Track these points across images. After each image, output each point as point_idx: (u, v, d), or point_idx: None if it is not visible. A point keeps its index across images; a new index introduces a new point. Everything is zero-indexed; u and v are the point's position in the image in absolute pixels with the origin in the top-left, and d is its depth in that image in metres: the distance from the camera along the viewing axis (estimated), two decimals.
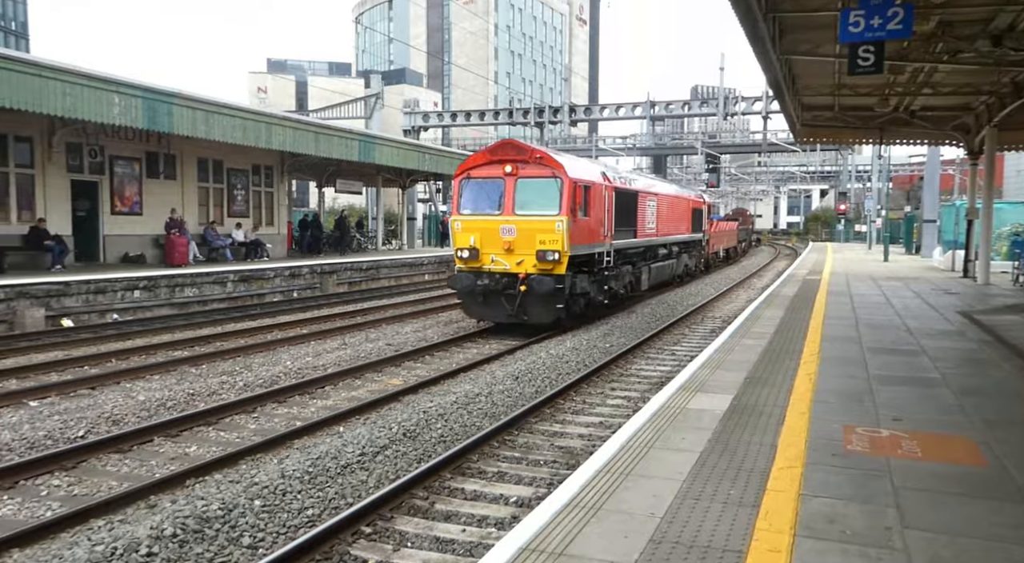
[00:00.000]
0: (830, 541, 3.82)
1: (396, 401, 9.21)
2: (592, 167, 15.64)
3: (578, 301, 14.19)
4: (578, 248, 13.68)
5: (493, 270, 13.69)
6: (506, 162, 13.61)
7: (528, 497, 6.05)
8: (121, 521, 5.49)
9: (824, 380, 7.65)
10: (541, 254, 13.21)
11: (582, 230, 13.82)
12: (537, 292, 13.13)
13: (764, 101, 40.26)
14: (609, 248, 15.42)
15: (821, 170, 72.25)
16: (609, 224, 15.36)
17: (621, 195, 16.29)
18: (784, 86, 15.33)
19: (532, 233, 13.34)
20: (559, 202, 13.21)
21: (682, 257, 23.84)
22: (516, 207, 13.54)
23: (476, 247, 13.76)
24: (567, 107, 48.92)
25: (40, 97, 14.37)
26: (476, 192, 13.94)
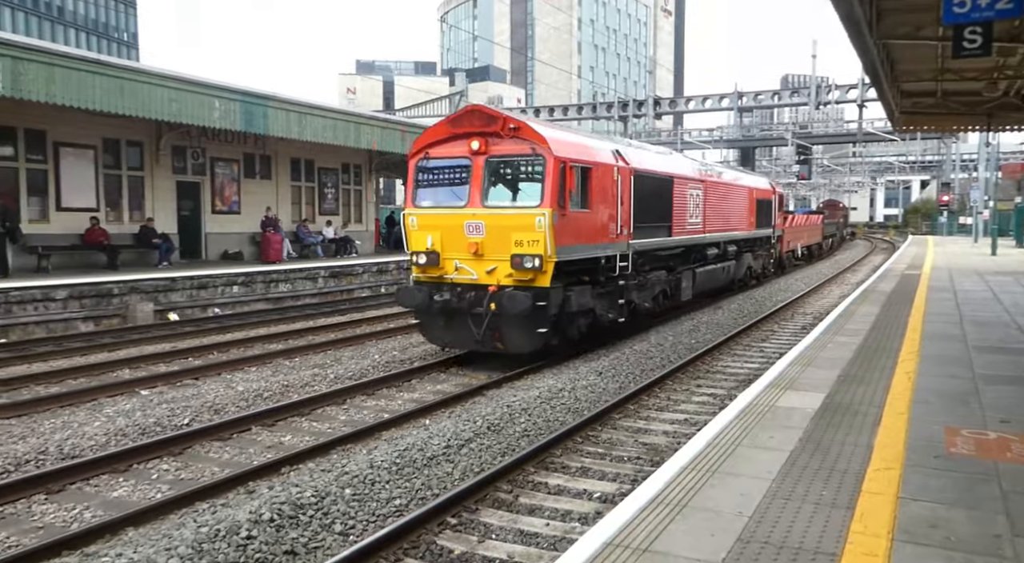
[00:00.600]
0: (932, 547, 3.65)
1: (480, 395, 9.32)
2: (597, 142, 11.97)
3: (575, 321, 10.96)
4: (571, 251, 10.40)
5: (457, 281, 10.49)
6: (472, 136, 10.30)
7: (612, 493, 6.03)
8: (223, 505, 5.78)
9: (924, 379, 7.30)
10: (517, 260, 9.90)
11: (578, 227, 10.54)
12: (508, 312, 9.83)
13: (859, 89, 38.64)
14: (626, 249, 11.90)
15: (922, 160, 68.73)
16: (625, 218, 11.84)
17: (645, 181, 12.68)
18: (881, 72, 14.64)
19: (505, 232, 10.05)
20: (541, 189, 9.95)
21: (743, 258, 20.00)
22: (486, 197, 10.30)
23: (436, 250, 10.51)
24: (651, 100, 48.26)
25: (149, 103, 15.25)
26: (435, 177, 10.83)
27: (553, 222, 9.87)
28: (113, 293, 14.73)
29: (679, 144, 52.14)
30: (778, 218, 23.71)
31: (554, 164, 9.89)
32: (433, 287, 10.62)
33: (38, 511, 5.80)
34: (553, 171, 9.89)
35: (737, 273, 19.42)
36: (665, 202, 13.84)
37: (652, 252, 13.32)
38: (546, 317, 10.10)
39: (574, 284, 10.83)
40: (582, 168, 10.56)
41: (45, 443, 7.13)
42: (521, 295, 9.76)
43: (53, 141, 17.22)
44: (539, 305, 9.92)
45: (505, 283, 10.10)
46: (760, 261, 22.28)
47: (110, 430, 7.55)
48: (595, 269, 11.31)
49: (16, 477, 6.27)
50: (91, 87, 14.38)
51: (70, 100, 14.18)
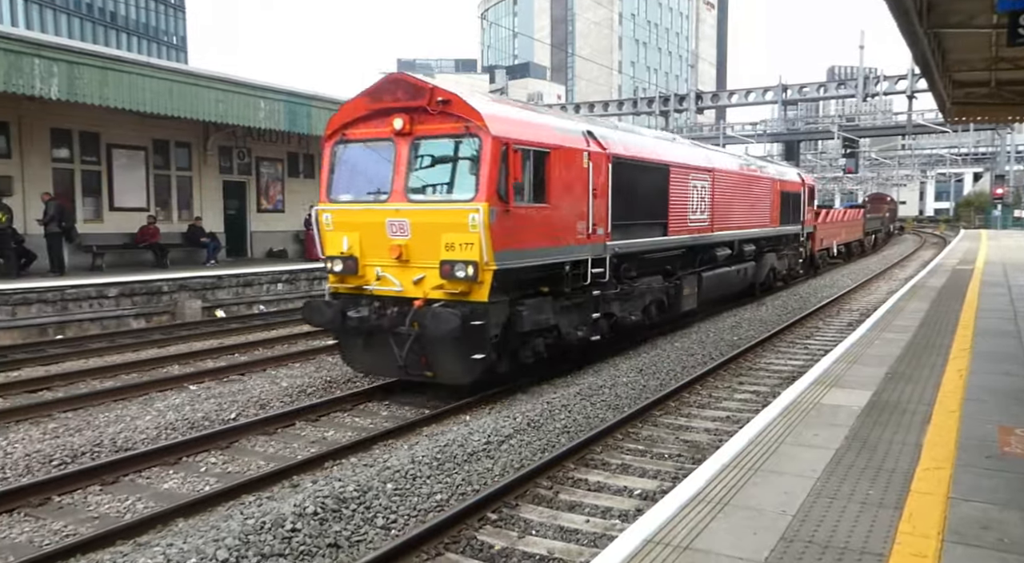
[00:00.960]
0: (984, 549, 3.56)
1: (521, 391, 9.34)
2: (561, 122, 9.80)
3: (530, 343, 8.94)
4: (519, 256, 8.42)
5: (378, 293, 8.63)
6: (395, 112, 8.41)
7: (652, 490, 5.99)
8: (268, 498, 5.90)
9: (977, 377, 7.10)
10: (446, 268, 8.00)
11: (529, 225, 8.57)
12: (432, 333, 7.92)
13: (909, 79, 37.66)
14: (602, 252, 9.92)
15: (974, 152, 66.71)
16: (601, 215, 9.85)
17: (630, 170, 10.62)
18: (932, 62, 14.24)
19: (434, 232, 8.15)
20: (476, 178, 8.04)
21: (765, 258, 17.62)
22: (411, 188, 8.43)
23: (353, 255, 8.72)
24: (693, 94, 47.72)
25: (197, 104, 15.62)
26: (355, 163, 8.99)
27: (491, 220, 7.88)
28: (163, 291, 15.11)
29: (721, 138, 51.43)
30: (808, 213, 21.24)
31: (492, 146, 7.95)
32: (350, 300, 8.77)
33: (93, 501, 6.00)
34: (491, 155, 7.94)
35: (757, 276, 17.21)
36: (659, 195, 11.79)
37: (641, 255, 11.30)
38: (484, 339, 8.07)
39: (528, 296, 8.86)
40: (535, 152, 8.59)
41: (100, 436, 7.36)
42: (447, 313, 7.81)
43: (106, 143, 17.75)
44: (473, 325, 7.91)
45: (434, 296, 8.17)
46: (786, 261, 19.80)
47: (161, 424, 7.76)
48: (559, 277, 9.28)
49: (73, 468, 6.50)
50: (142, 90, 14.78)
51: (122, 102, 14.59)
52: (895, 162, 75.85)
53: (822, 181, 79.70)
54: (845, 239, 29.15)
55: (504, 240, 8.11)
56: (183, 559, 4.62)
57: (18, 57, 12.98)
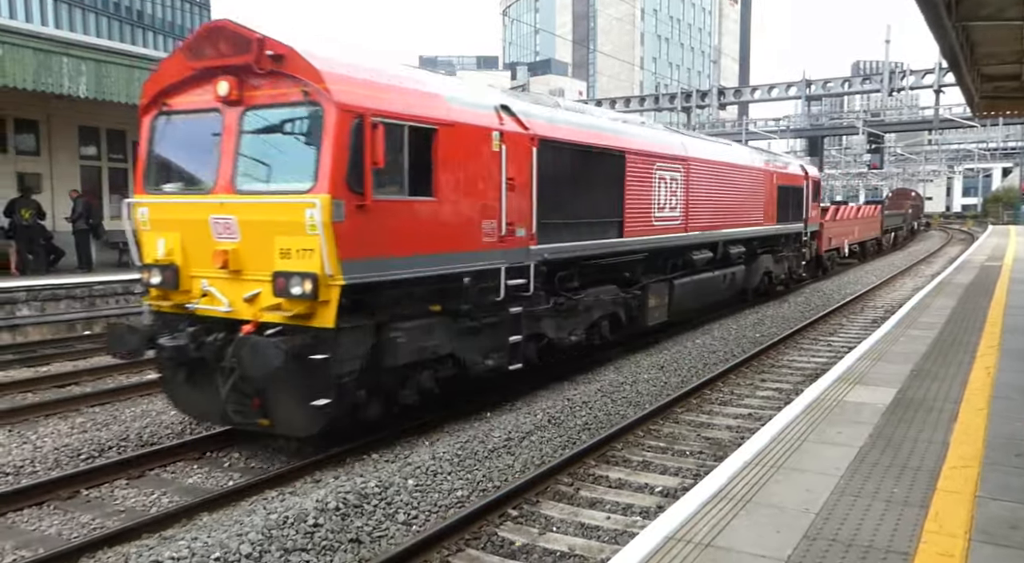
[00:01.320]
0: (1013, 548, 3.50)
1: (542, 388, 9.33)
2: (459, 90, 7.59)
3: (414, 379, 7.12)
4: (384, 266, 6.42)
5: (201, 313, 6.57)
6: (220, 73, 6.38)
7: (674, 487, 5.97)
8: (291, 493, 5.95)
9: (1005, 375, 6.99)
10: (280, 282, 6.07)
11: (402, 225, 6.56)
12: (249, 372, 6.01)
13: (936, 74, 37.12)
14: (523, 259, 7.95)
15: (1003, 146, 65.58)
16: (522, 211, 7.92)
17: (568, 156, 8.78)
18: (960, 56, 14.00)
19: (266, 233, 6.21)
20: (316, 161, 6.06)
21: (758, 261, 15.57)
22: (239, 176, 6.42)
23: (174, 262, 6.67)
24: (715, 90, 47.40)
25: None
26: (176, 142, 6.99)
27: (335, 218, 5.90)
28: None
29: (744, 134, 51.02)
30: (813, 210, 19.18)
31: (338, 118, 5.96)
32: (168, 323, 6.71)
33: (120, 495, 6.08)
34: (336, 129, 5.96)
35: (749, 281, 15.21)
36: (611, 188, 9.80)
37: (586, 261, 9.31)
38: (328, 379, 6.13)
39: (411, 317, 6.84)
40: (413, 129, 6.53)
41: (126, 430, 7.47)
42: (268, 345, 5.85)
43: (132, 141, 17.97)
44: (312, 360, 5.99)
45: (269, 320, 6.16)
46: (786, 264, 17.59)
47: (185, 418, 7.85)
48: (456, 292, 7.24)
49: (100, 462, 6.59)
50: None
51: None
52: (921, 157, 74.78)
53: (846, 177, 78.91)
54: (859, 238, 26.89)
55: (359, 245, 6.06)
56: (207, 553, 4.67)
57: (47, 56, 13.19)
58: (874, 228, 29.57)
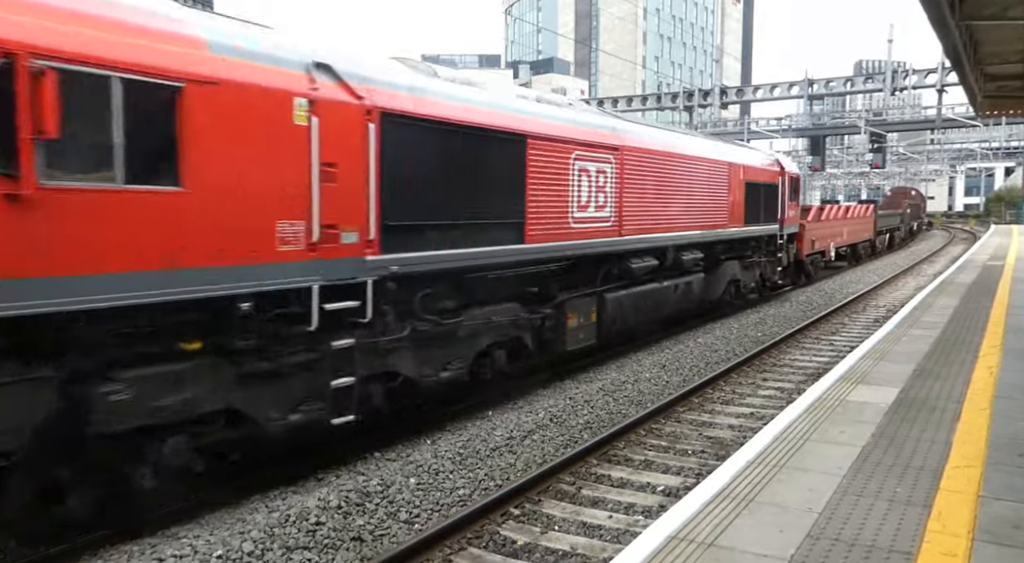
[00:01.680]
0: (1017, 548, 3.50)
1: (543, 387, 9.33)
2: (234, 34, 5.41)
3: (155, 451, 5.03)
4: (64, 289, 4.29)
5: None
6: None
7: (676, 486, 5.96)
8: (293, 491, 5.95)
9: (1008, 374, 6.97)
10: None
11: (105, 227, 4.45)
12: None
13: (939, 73, 37.02)
14: (355, 273, 6.02)
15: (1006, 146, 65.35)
16: (353, 207, 5.98)
17: (435, 137, 6.89)
18: (964, 55, 13.97)
19: None
20: None
21: (721, 268, 13.60)
22: None
23: None
24: (717, 89, 47.35)
25: None
26: None
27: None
28: None
29: (745, 133, 50.95)
30: (791, 209, 16.94)
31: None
32: None
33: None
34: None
35: (710, 291, 13.19)
36: (506, 181, 7.83)
37: (464, 273, 7.40)
38: None
39: (137, 361, 4.82)
40: (130, 82, 4.52)
41: None
42: None
43: None
44: None
45: None
46: (756, 271, 15.49)
47: None
48: (233, 323, 5.27)
49: None
50: None
51: None
52: (924, 157, 74.68)
53: (848, 176, 78.79)
54: (848, 240, 24.56)
55: (11, 258, 4.09)
56: (210, 551, 4.68)
57: None
58: (866, 230, 27.35)
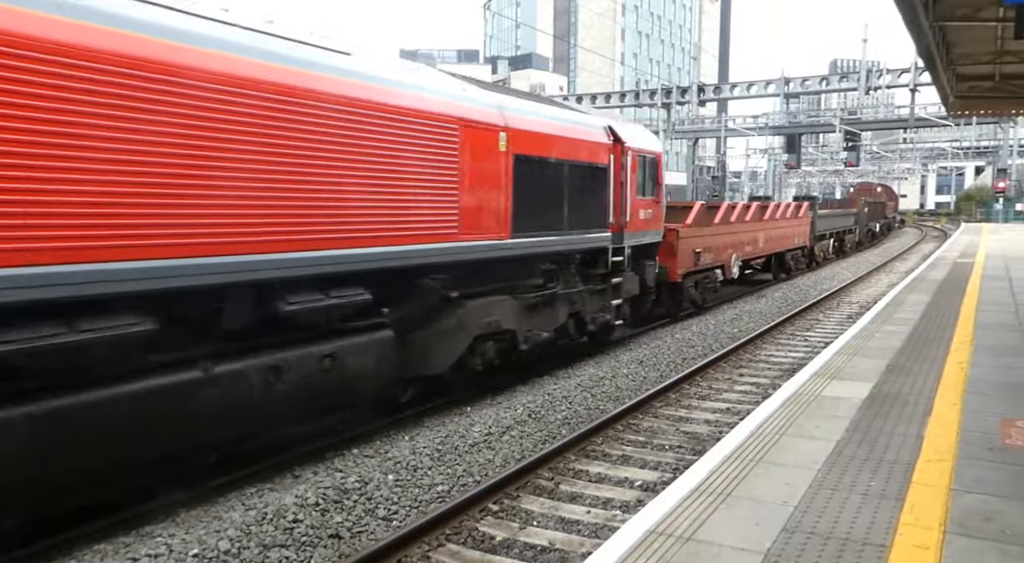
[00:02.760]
0: (986, 540, 3.56)
1: (522, 383, 9.34)
2: None
3: None
4: None
5: None
6: None
7: (654, 481, 6.00)
8: (270, 489, 5.90)
9: (978, 370, 7.10)
10: None
11: None
12: None
13: (912, 73, 37.57)
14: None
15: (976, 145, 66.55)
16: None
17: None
18: (936, 55, 14.19)
19: None
20: None
21: (448, 319, 7.57)
22: None
23: None
24: (695, 87, 47.65)
25: None
26: None
27: None
28: None
29: (723, 132, 51.33)
30: (647, 207, 11.26)
31: None
32: None
33: None
34: None
35: (404, 364, 7.18)
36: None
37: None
38: None
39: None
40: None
41: None
42: None
43: None
44: None
45: None
46: (559, 312, 9.45)
47: None
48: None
49: None
50: None
51: None
52: (897, 155, 75.74)
53: (823, 174, 79.73)
54: (768, 249, 18.71)
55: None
56: (185, 550, 4.63)
57: None
58: (798, 234, 21.41)
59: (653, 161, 11.42)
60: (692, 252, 13.66)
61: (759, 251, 18.11)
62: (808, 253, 23.10)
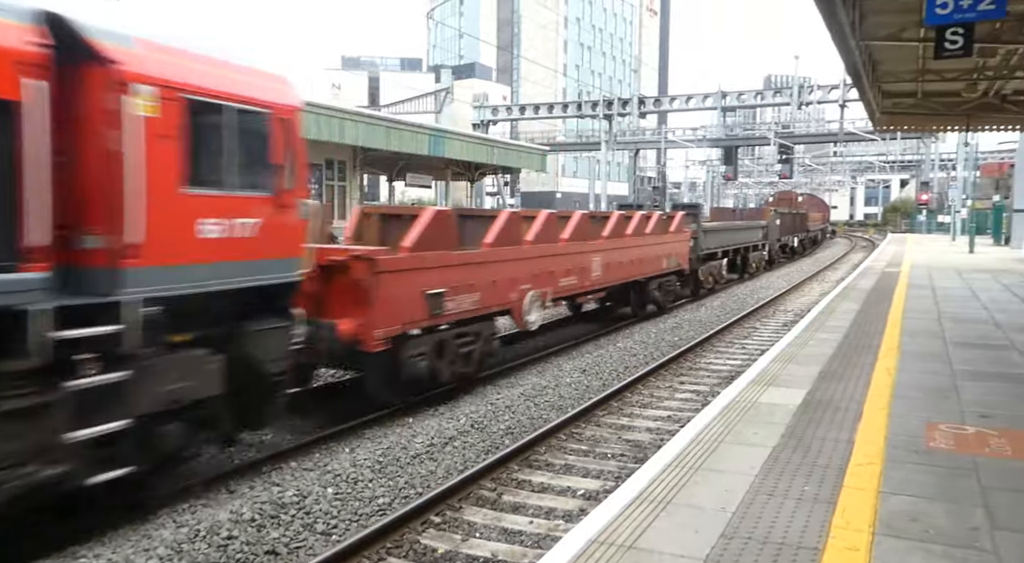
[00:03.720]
0: (912, 540, 3.68)
1: (465, 393, 9.29)
2: None
3: None
4: None
5: None
6: None
7: (596, 490, 6.03)
8: (204, 505, 5.72)
9: (904, 375, 7.37)
10: None
11: None
12: None
13: (841, 89, 38.96)
14: None
15: (901, 159, 69.47)
16: None
17: None
18: (863, 73, 14.77)
19: None
20: None
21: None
22: None
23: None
24: (636, 99, 48.47)
25: None
26: None
27: None
28: None
29: (663, 142, 52.32)
30: (271, 209, 5.97)
31: None
32: None
33: None
34: None
35: None
36: None
37: None
38: None
39: None
40: None
41: None
42: None
43: None
44: None
45: None
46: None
47: None
48: None
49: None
50: None
51: None
52: (827, 168, 78.50)
53: (758, 186, 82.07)
54: (613, 278, 13.17)
55: None
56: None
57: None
58: (671, 254, 16.09)
59: (257, 119, 5.89)
60: (418, 296, 8.07)
61: (594, 282, 12.42)
62: (691, 278, 18.13)
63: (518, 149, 30.63)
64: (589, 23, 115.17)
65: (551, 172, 75.66)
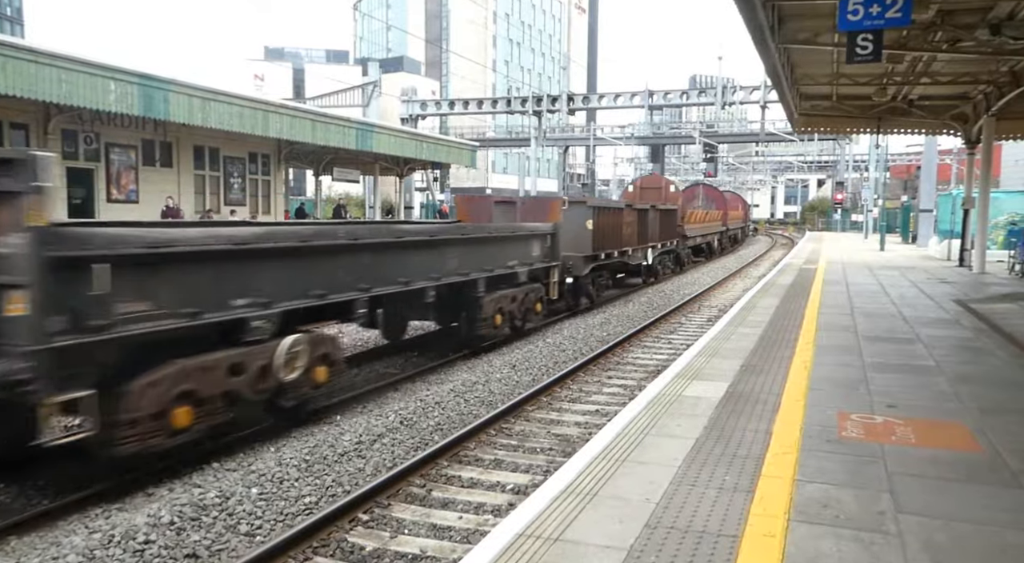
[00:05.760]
0: (824, 525, 3.85)
1: (393, 389, 9.22)
2: None
3: None
4: None
5: None
6: None
7: (525, 484, 6.08)
8: (119, 509, 5.50)
9: (819, 368, 7.68)
10: None
11: None
12: None
13: (762, 90, 40.16)
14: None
15: (819, 160, 72.34)
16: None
17: None
18: (782, 75, 15.28)
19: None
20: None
21: None
22: None
23: None
24: (565, 96, 48.83)
25: (35, 83, 14.30)
26: None
27: None
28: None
29: (591, 140, 52.96)
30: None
31: None
32: None
33: None
34: None
35: None
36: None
37: None
38: None
39: None
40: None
41: None
42: None
43: None
44: None
45: None
46: None
47: None
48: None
49: None
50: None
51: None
52: (750, 167, 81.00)
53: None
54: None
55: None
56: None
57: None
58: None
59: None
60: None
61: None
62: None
63: (448, 144, 30.45)
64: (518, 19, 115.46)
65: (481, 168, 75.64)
